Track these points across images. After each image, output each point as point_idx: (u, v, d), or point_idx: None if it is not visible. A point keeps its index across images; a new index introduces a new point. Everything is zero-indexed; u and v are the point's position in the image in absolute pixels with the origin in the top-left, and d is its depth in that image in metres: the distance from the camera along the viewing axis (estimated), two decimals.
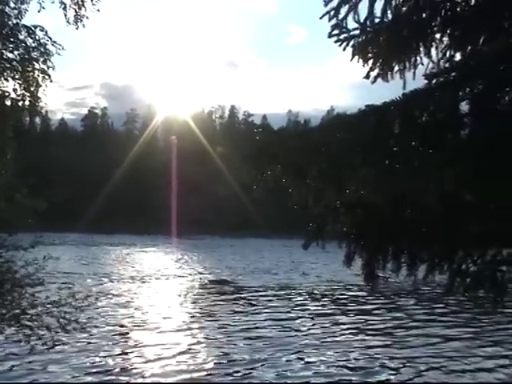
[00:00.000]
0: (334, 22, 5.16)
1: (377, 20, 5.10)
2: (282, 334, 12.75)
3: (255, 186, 4.52)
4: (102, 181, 71.38)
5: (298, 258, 34.43)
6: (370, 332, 13.44)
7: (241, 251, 44.44)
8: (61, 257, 33.22)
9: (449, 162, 3.53)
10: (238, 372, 9.88)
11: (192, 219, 67.22)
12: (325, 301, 18.81)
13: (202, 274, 26.53)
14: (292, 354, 11.05)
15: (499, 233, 4.32)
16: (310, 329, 13.59)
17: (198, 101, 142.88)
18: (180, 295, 19.19)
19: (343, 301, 18.66)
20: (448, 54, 5.01)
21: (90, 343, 11.42)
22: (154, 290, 20.40)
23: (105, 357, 10.50)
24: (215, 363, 10.23)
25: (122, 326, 13.30)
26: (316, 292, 21.16)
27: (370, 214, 4.42)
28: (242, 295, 19.44)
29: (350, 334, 13.17)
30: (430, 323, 14.58)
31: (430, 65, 5.03)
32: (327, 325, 14.19)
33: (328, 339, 12.42)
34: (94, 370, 9.65)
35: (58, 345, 10.39)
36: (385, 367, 10.36)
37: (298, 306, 17.50)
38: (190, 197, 72.40)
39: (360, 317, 15.66)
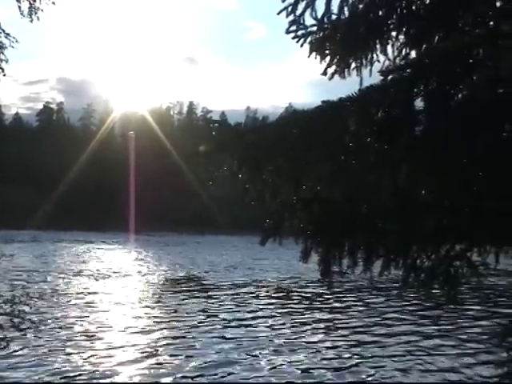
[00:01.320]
0: (291, 18, 5.17)
1: (334, 17, 5.13)
2: (252, 334, 12.59)
3: (212, 182, 4.50)
4: (58, 177, 70.21)
5: (258, 254, 34.43)
6: (340, 330, 13.40)
7: (202, 248, 44.21)
8: (16, 254, 32.70)
9: (403, 158, 3.57)
10: (211, 375, 9.74)
11: (151, 216, 66.65)
12: (291, 298, 18.77)
13: (163, 271, 26.22)
14: (265, 354, 10.95)
15: (452, 229, 4.39)
16: (280, 328, 13.50)
17: (157, 97, 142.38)
18: (142, 293, 18.85)
19: (309, 298, 18.64)
20: (404, 52, 5.07)
21: (45, 344, 11.09)
22: (115, 287, 20.06)
23: (63, 358, 10.20)
24: (185, 366, 10.02)
25: (82, 325, 12.97)
26: (281, 288, 21.14)
27: (326, 210, 4.45)
28: (208, 293, 19.23)
29: (320, 332, 13.09)
30: (400, 321, 14.66)
31: (387, 62, 5.09)
32: (297, 323, 14.14)
33: (299, 339, 12.34)
34: (52, 372, 9.36)
35: (11, 345, 10.17)
36: (358, 366, 10.34)
37: (265, 303, 17.39)
38: (149, 193, 71.79)
39: (329, 315, 15.65)
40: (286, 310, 16.07)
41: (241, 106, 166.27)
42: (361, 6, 5.07)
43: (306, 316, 15.23)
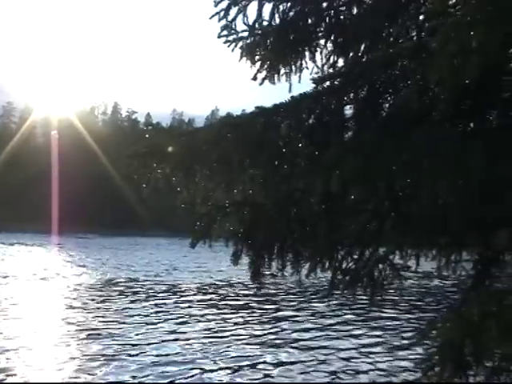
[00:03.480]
0: (223, 22, 5.21)
1: (265, 23, 5.21)
2: (201, 340, 12.35)
3: (143, 184, 4.48)
4: None
5: (187, 256, 34.24)
6: (288, 334, 13.38)
7: (129, 250, 43.55)
8: None
9: (333, 164, 3.67)
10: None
11: (75, 217, 65.26)
12: (229, 301, 18.71)
13: (88, 273, 25.58)
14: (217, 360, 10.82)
15: (377, 232, 4.55)
16: (231, 332, 13.30)
17: (81, 97, 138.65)
18: (67, 297, 18.23)
19: (247, 301, 18.57)
20: (332, 60, 5.20)
21: None
22: (38, 291, 19.42)
23: None
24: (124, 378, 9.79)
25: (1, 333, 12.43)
26: (219, 292, 21.05)
27: (257, 213, 4.51)
28: (140, 297, 18.83)
29: (257, 341, 12.96)
30: (339, 326, 14.84)
31: (315, 69, 5.22)
32: (240, 328, 14.02)
33: (249, 344, 12.21)
34: None
35: None
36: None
37: (205, 306, 17.21)
38: (74, 194, 70.19)
39: (273, 316, 15.68)
40: (229, 314, 15.93)
41: (166, 107, 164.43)
42: (291, 13, 5.16)
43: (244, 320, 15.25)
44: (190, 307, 17.04)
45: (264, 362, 10.76)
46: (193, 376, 9.65)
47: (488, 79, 3.05)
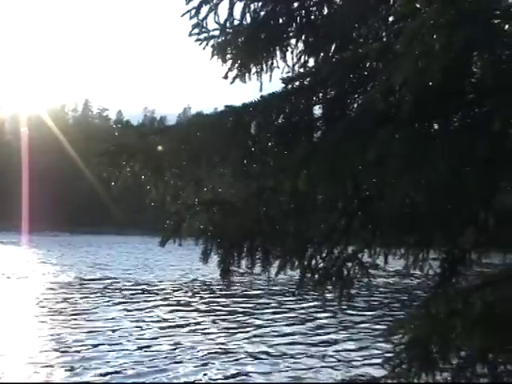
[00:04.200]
0: (194, 21, 5.21)
1: (236, 22, 5.23)
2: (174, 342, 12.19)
3: (113, 182, 4.46)
4: None
5: (159, 255, 34.03)
6: (260, 335, 13.31)
7: (101, 249, 43.05)
8: None
9: (301, 163, 3.70)
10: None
11: (47, 215, 64.49)
12: (206, 300, 18.62)
13: (59, 273, 25.18)
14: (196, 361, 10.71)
15: (345, 231, 4.60)
16: (205, 335, 13.15)
17: (51, 94, 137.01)
18: (38, 297, 17.94)
19: (224, 301, 18.46)
20: (302, 59, 5.24)
21: None
22: (8, 290, 19.11)
23: None
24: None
25: None
26: (194, 290, 20.95)
27: (226, 212, 4.53)
28: (114, 296, 18.64)
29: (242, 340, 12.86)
30: (316, 330, 14.85)
31: (286, 69, 5.25)
32: (213, 329, 13.89)
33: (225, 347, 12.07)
34: None
35: None
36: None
37: (181, 306, 17.08)
38: (45, 192, 69.25)
39: (248, 317, 15.62)
40: (204, 313, 15.80)
41: (138, 105, 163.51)
42: (262, 12, 5.18)
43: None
44: (163, 306, 16.96)
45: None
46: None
47: (451, 81, 3.10)
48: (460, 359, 5.10)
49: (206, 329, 13.64)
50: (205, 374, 9.86)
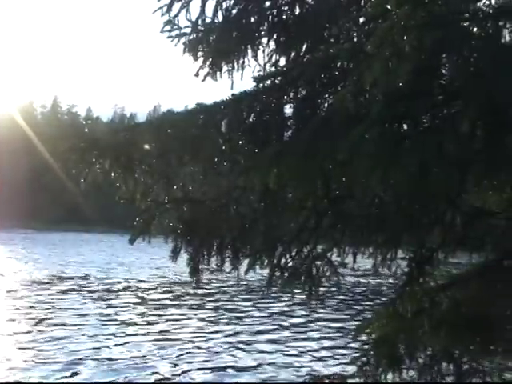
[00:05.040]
0: (166, 18, 5.19)
1: (208, 20, 5.22)
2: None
3: (82, 179, 4.41)
4: None
5: (130, 252, 33.68)
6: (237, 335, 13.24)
7: (70, 246, 42.47)
8: None
9: (271, 162, 3.71)
10: None
11: (14, 212, 63.48)
12: (178, 298, 18.46)
13: (29, 270, 24.69)
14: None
15: (315, 230, 4.62)
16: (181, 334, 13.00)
17: (19, 91, 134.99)
18: (6, 295, 17.55)
19: (197, 299, 18.33)
20: (274, 59, 5.26)
21: None
22: None
23: None
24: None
25: None
26: (166, 288, 20.77)
27: (196, 210, 4.52)
28: (85, 294, 18.28)
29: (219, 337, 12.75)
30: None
31: (257, 67, 5.26)
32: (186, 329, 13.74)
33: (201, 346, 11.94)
34: None
35: None
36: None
37: (153, 304, 16.87)
38: (13, 189, 68.17)
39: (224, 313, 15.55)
40: (176, 313, 15.63)
41: (108, 102, 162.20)
42: (234, 11, 5.19)
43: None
44: (136, 304, 16.81)
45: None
46: None
47: (421, 83, 3.14)
48: (426, 357, 5.17)
49: (179, 327, 13.56)
50: (182, 373, 9.82)
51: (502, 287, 4.71)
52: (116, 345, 11.47)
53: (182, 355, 10.87)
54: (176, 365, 10.24)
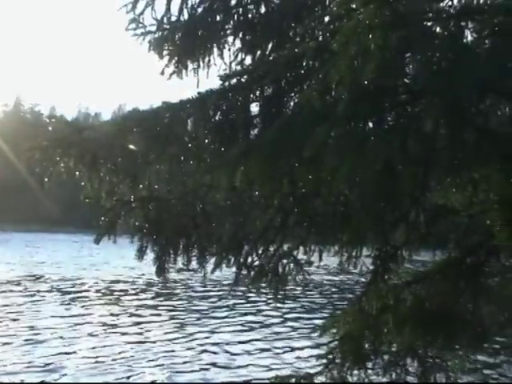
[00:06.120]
0: (131, 16, 5.16)
1: (174, 18, 5.20)
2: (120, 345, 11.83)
3: (46, 178, 4.34)
4: None
5: (96, 252, 33.26)
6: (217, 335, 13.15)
7: (34, 246, 41.72)
8: None
9: (238, 160, 3.71)
10: None
11: None
12: (145, 298, 18.29)
13: None
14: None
15: (281, 228, 4.64)
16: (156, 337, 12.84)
17: None
18: None
19: (168, 298, 18.14)
20: (239, 57, 5.26)
21: None
22: None
23: None
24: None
25: None
26: (133, 288, 20.59)
27: (162, 209, 4.50)
28: (52, 295, 17.99)
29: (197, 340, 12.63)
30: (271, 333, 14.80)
31: (223, 66, 5.26)
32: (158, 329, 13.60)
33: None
34: None
35: None
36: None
37: (127, 307, 16.65)
38: None
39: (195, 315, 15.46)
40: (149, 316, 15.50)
41: (72, 101, 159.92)
42: (200, 9, 5.18)
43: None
44: (103, 305, 16.63)
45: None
46: None
47: (386, 81, 3.18)
48: (391, 354, 5.24)
49: (151, 329, 13.46)
50: (158, 373, 9.76)
51: (465, 284, 4.79)
52: (93, 347, 11.32)
53: (158, 357, 10.80)
54: (155, 366, 10.18)
